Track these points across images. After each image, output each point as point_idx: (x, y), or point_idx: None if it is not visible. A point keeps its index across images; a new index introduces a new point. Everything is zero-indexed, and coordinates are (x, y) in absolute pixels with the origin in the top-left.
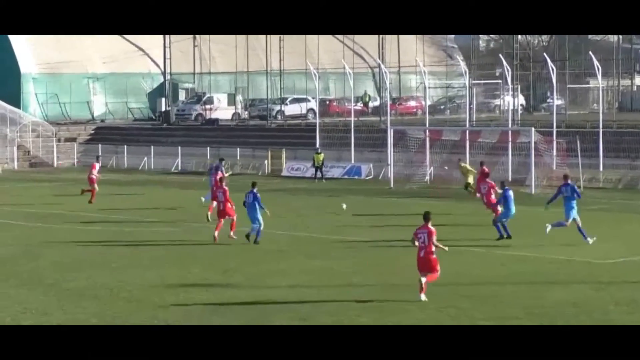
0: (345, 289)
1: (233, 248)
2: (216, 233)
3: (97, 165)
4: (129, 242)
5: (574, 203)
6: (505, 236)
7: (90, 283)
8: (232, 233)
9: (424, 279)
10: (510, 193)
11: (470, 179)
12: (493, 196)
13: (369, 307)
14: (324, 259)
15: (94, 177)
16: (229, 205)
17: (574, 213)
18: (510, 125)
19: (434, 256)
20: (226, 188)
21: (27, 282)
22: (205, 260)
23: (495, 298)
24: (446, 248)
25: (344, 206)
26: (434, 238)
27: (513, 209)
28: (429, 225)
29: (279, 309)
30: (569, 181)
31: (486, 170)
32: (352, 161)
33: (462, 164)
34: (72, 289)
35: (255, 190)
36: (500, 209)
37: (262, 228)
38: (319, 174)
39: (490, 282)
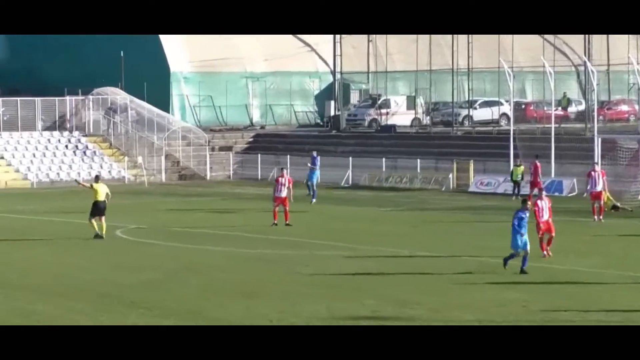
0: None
1: (409, 277)
2: None
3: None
4: (289, 266)
5: None
6: None
7: (247, 314)
8: None
9: None
10: None
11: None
12: None
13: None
14: (518, 290)
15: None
16: None
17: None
18: None
19: None
20: None
21: (170, 311)
22: (379, 289)
23: None
24: None
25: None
26: None
27: None
28: None
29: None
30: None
31: None
32: (552, 175)
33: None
34: (222, 320)
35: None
36: None
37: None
38: (517, 190)
39: None
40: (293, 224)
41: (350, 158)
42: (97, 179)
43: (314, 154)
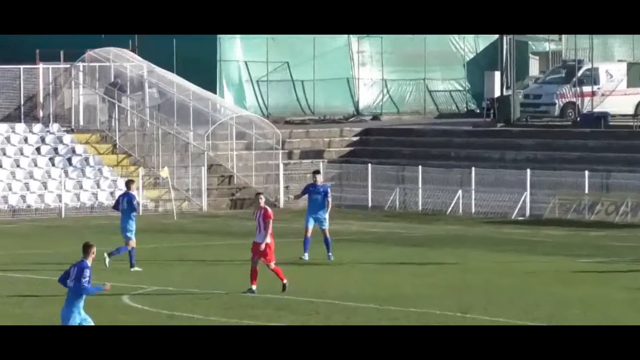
0: None
1: None
2: None
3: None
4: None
5: None
6: None
7: None
8: None
9: None
10: None
11: None
12: None
13: None
14: None
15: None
16: None
17: None
18: None
19: None
20: None
21: None
22: None
23: None
24: None
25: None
26: None
27: None
28: None
29: None
30: None
31: None
32: None
33: None
34: None
35: None
36: None
37: None
38: None
39: None
40: (430, 282)
41: (528, 171)
42: None
43: (318, 177)
